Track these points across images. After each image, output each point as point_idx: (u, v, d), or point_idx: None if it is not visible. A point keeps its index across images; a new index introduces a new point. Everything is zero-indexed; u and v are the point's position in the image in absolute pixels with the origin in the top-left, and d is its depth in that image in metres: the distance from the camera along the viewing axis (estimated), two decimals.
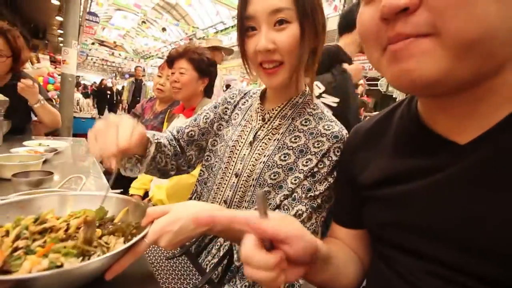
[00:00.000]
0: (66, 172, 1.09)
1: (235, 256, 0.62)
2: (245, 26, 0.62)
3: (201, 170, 0.83)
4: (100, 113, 11.46)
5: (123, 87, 12.67)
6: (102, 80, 12.92)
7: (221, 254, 0.70)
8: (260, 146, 0.70)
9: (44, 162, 1.08)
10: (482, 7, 0.28)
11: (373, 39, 0.36)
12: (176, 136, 0.81)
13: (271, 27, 0.60)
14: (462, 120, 0.37)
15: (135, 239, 0.44)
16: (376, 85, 7.29)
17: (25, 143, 1.31)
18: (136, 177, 1.53)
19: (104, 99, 12.02)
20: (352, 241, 0.56)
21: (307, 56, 0.64)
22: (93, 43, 16.26)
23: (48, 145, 1.32)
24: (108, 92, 12.33)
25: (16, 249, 0.43)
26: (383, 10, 0.32)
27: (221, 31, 13.13)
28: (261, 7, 0.59)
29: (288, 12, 0.59)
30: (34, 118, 1.77)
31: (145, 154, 0.65)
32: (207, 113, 0.82)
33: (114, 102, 12.30)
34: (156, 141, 0.68)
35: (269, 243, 0.36)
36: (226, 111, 0.81)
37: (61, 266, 0.40)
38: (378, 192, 0.47)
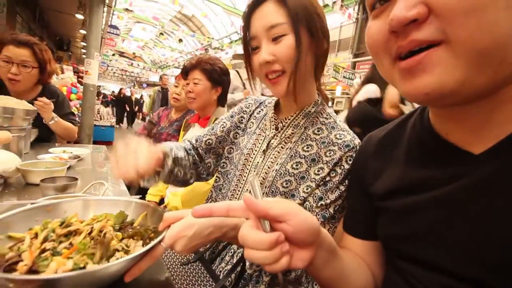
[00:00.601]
0: (87, 177, 1.14)
1: (247, 263, 0.63)
2: (250, 46, 0.68)
3: (216, 176, 0.85)
4: (119, 122, 11.66)
5: (141, 96, 12.83)
6: (121, 89, 13.15)
7: (234, 261, 0.70)
8: (273, 154, 0.71)
9: (68, 168, 1.13)
10: (491, 14, 0.28)
11: (382, 51, 0.37)
12: (194, 145, 0.84)
13: (270, 42, 0.65)
14: (477, 130, 0.37)
15: (152, 243, 0.45)
16: None
17: (50, 150, 1.38)
18: None
19: (123, 108, 12.25)
20: (364, 252, 0.55)
21: (309, 62, 0.67)
22: (113, 54, 16.98)
23: (71, 152, 1.39)
24: (128, 101, 12.55)
25: (43, 250, 0.45)
26: (391, 23, 0.32)
27: (235, 41, 13.40)
28: (260, 26, 0.65)
29: (282, 26, 0.63)
30: None
31: (163, 168, 0.69)
32: (224, 122, 0.85)
33: (134, 111, 12.63)
34: (174, 155, 0.72)
35: (268, 225, 0.35)
36: (242, 120, 0.84)
37: (85, 267, 0.42)
38: (391, 202, 0.46)
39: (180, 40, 13.88)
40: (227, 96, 1.50)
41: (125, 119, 12.71)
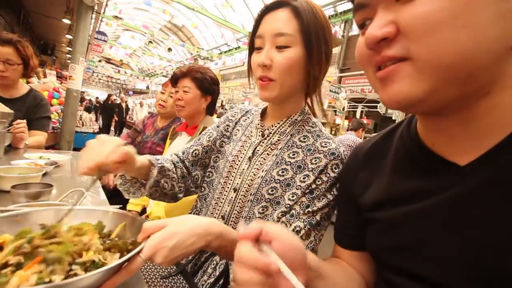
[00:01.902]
0: (65, 185, 1.09)
1: (231, 275, 0.60)
2: (255, 45, 0.69)
3: (202, 186, 0.83)
4: (105, 131, 9.97)
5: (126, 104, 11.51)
6: (110, 95, 11.46)
7: (217, 274, 0.68)
8: (259, 161, 0.71)
9: (44, 175, 1.07)
10: (449, 33, 0.30)
11: (367, 63, 0.40)
12: (181, 157, 0.82)
13: (273, 47, 0.65)
14: (461, 141, 0.38)
15: (130, 254, 0.42)
16: (376, 107, 7.41)
17: (26, 155, 1.31)
18: None
19: (111, 116, 10.54)
20: (356, 262, 0.55)
21: (304, 80, 0.68)
22: (100, 61, 16.71)
23: (48, 158, 1.33)
24: (117, 109, 10.74)
25: (5, 265, 0.40)
26: (366, 41, 0.36)
27: (225, 52, 13.55)
28: (269, 28, 0.66)
29: (289, 37, 0.64)
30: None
31: (148, 178, 0.68)
32: (211, 132, 0.84)
33: (123, 120, 10.77)
34: (159, 165, 0.71)
35: (267, 249, 0.35)
36: (227, 128, 0.83)
37: (50, 281, 0.38)
38: (378, 214, 0.46)
39: (169, 49, 13.88)
40: (216, 105, 1.49)
41: (112, 129, 10.79)
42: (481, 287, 0.34)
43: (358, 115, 8.04)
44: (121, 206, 0.72)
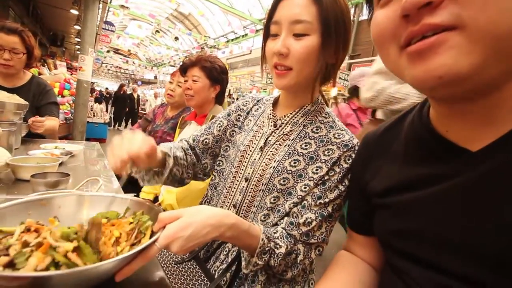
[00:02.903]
0: (80, 174, 1.12)
1: (243, 263, 0.62)
2: (270, 31, 0.66)
3: (212, 174, 0.84)
4: (116, 123, 10.13)
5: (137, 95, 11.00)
6: (122, 85, 10.77)
7: (229, 260, 0.70)
8: (271, 151, 0.70)
9: (60, 164, 1.11)
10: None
11: (389, 39, 0.35)
12: (192, 145, 0.83)
13: (290, 35, 0.62)
14: (477, 127, 0.36)
15: (146, 243, 0.44)
16: None
17: (42, 145, 1.35)
18: None
19: (123, 107, 10.18)
20: (368, 247, 0.56)
21: (320, 69, 0.65)
22: (108, 51, 16.77)
23: (64, 148, 1.36)
24: (128, 100, 10.25)
25: (26, 244, 0.43)
26: (405, 5, 0.31)
27: (232, 40, 13.38)
28: (286, 14, 0.62)
29: (307, 25, 0.61)
30: None
31: (164, 167, 0.69)
32: (221, 121, 0.83)
33: (135, 111, 10.41)
34: (173, 154, 0.72)
35: None
36: (239, 118, 0.83)
37: (59, 264, 0.40)
38: (388, 199, 0.46)
39: (176, 38, 13.79)
40: (224, 94, 1.49)
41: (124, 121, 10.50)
42: (488, 273, 0.33)
43: None
44: (136, 194, 0.74)
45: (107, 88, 18.22)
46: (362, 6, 9.41)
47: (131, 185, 1.55)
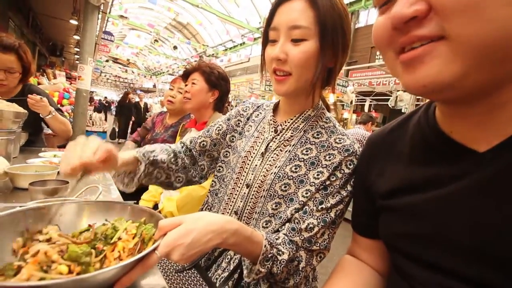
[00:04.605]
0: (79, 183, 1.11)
1: (245, 271, 0.60)
2: (268, 37, 0.66)
3: (213, 181, 0.83)
4: (122, 136, 8.41)
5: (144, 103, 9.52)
6: (127, 93, 9.35)
7: (231, 268, 0.68)
8: (272, 157, 0.70)
9: (58, 172, 1.09)
10: (491, 11, 0.28)
11: (387, 45, 0.37)
12: (188, 146, 0.82)
13: (288, 40, 0.63)
14: (483, 129, 0.36)
15: (146, 251, 0.43)
16: (384, 100, 7.30)
17: (40, 154, 1.34)
18: (147, 189, 1.54)
19: (128, 117, 8.80)
20: (372, 250, 0.56)
21: (320, 73, 0.65)
22: (107, 60, 16.91)
23: None
24: (134, 109, 8.89)
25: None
26: (392, 20, 0.33)
27: (230, 48, 13.53)
28: (283, 20, 0.62)
29: (305, 30, 0.61)
30: (45, 130, 1.83)
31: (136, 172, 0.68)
32: (220, 124, 0.83)
33: (141, 121, 8.37)
34: (151, 158, 0.71)
35: None
36: (239, 123, 0.83)
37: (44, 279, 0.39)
38: (393, 201, 0.46)
39: (175, 47, 13.94)
40: (224, 102, 1.50)
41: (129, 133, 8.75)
42: (494, 275, 0.33)
43: (366, 108, 7.93)
44: (136, 202, 0.73)
45: (106, 97, 18.27)
46: (358, 14, 9.58)
47: (130, 194, 1.53)
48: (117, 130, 8.48)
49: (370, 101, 8.09)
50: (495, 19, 0.28)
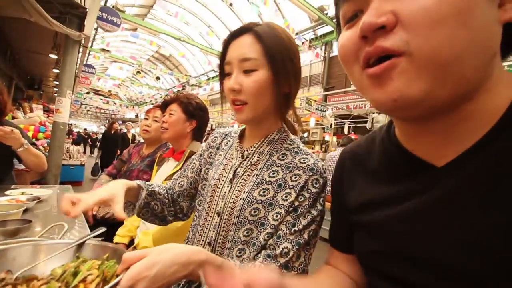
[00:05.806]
0: (48, 220, 1.05)
1: None
2: (224, 71, 0.72)
3: (194, 215, 0.82)
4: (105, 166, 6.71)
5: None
6: (113, 123, 8.20)
7: None
8: (240, 182, 0.71)
9: (26, 211, 1.04)
10: (452, 29, 0.29)
11: (352, 59, 0.38)
12: (169, 187, 0.87)
13: (241, 72, 0.68)
14: (443, 144, 0.37)
15: (107, 287, 0.42)
16: (362, 122, 7.61)
17: (7, 192, 1.28)
18: (122, 223, 1.48)
19: (113, 150, 7.43)
20: (348, 265, 0.55)
21: (276, 99, 0.70)
22: (88, 92, 16.73)
23: (31, 194, 1.29)
24: (121, 140, 7.50)
25: None
26: (362, 27, 0.34)
27: (213, 78, 13.86)
28: (235, 54, 0.68)
29: (255, 61, 0.66)
30: (16, 166, 1.74)
31: (137, 199, 0.74)
32: (194, 162, 0.87)
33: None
34: (150, 188, 0.77)
35: None
36: (210, 155, 0.85)
37: None
38: (362, 216, 0.46)
39: (158, 78, 14.08)
40: (203, 131, 1.51)
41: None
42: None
43: (346, 131, 8.21)
44: (103, 238, 0.70)
45: (85, 129, 17.82)
46: (332, 44, 10.24)
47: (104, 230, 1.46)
48: (99, 164, 7.54)
49: (349, 124, 8.40)
50: (455, 37, 0.30)
